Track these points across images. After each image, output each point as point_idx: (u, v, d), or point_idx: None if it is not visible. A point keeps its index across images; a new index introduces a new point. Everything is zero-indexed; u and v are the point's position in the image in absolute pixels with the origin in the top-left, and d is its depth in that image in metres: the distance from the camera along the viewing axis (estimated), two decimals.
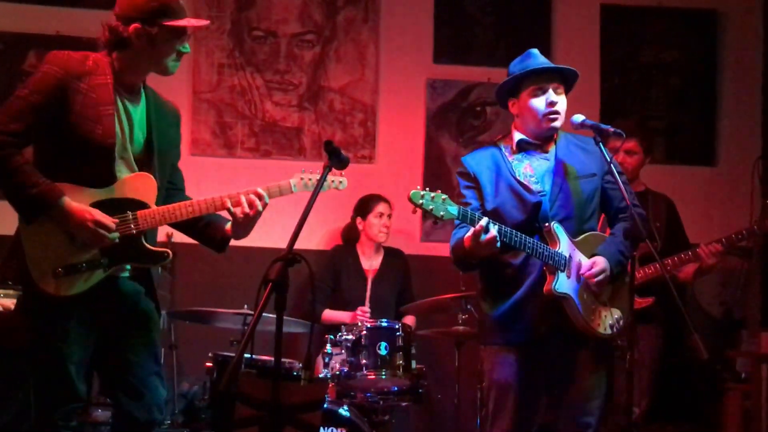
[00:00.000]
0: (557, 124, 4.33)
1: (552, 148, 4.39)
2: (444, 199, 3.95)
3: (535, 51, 4.41)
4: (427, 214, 3.94)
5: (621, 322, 4.30)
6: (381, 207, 6.55)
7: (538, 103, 4.29)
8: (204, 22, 3.97)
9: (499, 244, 4.03)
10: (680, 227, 6.18)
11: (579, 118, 4.27)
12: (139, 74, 3.85)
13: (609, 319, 4.27)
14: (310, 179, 4.03)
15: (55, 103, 3.65)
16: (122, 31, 3.73)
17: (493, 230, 3.99)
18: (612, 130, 4.18)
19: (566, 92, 4.39)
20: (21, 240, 3.68)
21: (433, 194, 3.94)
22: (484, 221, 3.99)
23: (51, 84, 3.67)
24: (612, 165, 4.14)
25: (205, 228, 4.01)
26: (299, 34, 7.14)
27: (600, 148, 4.18)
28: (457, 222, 4.21)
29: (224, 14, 7.07)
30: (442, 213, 3.94)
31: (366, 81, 7.13)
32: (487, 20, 7.25)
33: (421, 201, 3.92)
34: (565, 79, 4.39)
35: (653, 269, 5.64)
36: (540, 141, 4.38)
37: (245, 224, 3.92)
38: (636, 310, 4.20)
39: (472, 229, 4.02)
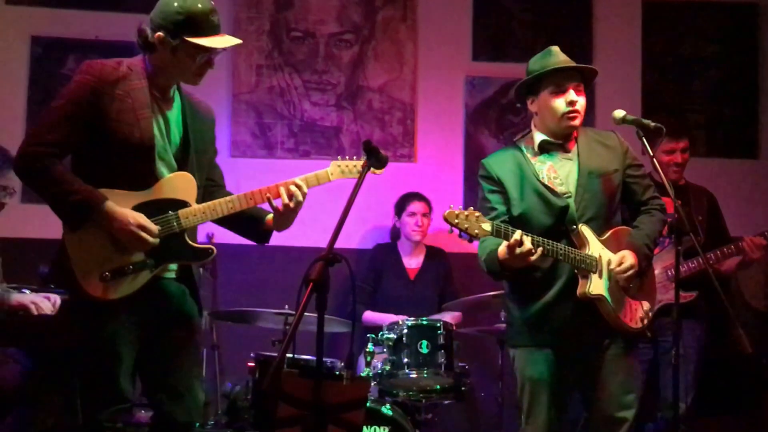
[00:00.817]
0: (577, 123, 4.28)
1: (574, 147, 4.35)
2: (477, 217, 3.95)
3: (556, 48, 4.37)
4: (462, 233, 3.93)
5: (651, 314, 4.27)
6: (414, 206, 6.52)
7: (559, 102, 4.25)
8: (232, 42, 3.85)
9: (535, 256, 4.00)
10: (722, 221, 6.13)
11: (620, 113, 4.24)
12: (169, 78, 3.86)
13: (639, 312, 4.25)
14: (346, 166, 4.01)
15: (91, 110, 3.67)
16: (148, 35, 3.75)
17: (528, 242, 3.96)
18: (653, 125, 4.14)
19: (586, 88, 4.36)
20: (66, 246, 3.70)
21: (467, 212, 3.94)
22: (517, 234, 3.96)
23: (85, 93, 3.69)
24: (654, 160, 4.12)
25: (247, 222, 4.02)
26: (337, 34, 7.12)
27: (643, 142, 4.15)
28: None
29: (263, 15, 7.06)
30: (476, 231, 3.94)
31: (404, 79, 7.10)
32: (526, 16, 7.20)
33: (456, 221, 3.92)
34: (584, 77, 4.35)
35: (696, 263, 5.57)
36: (561, 140, 4.33)
37: (286, 215, 3.91)
38: (679, 305, 4.14)
39: (505, 243, 4.00)
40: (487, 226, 3.94)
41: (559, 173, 4.29)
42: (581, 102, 4.27)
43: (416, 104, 7.10)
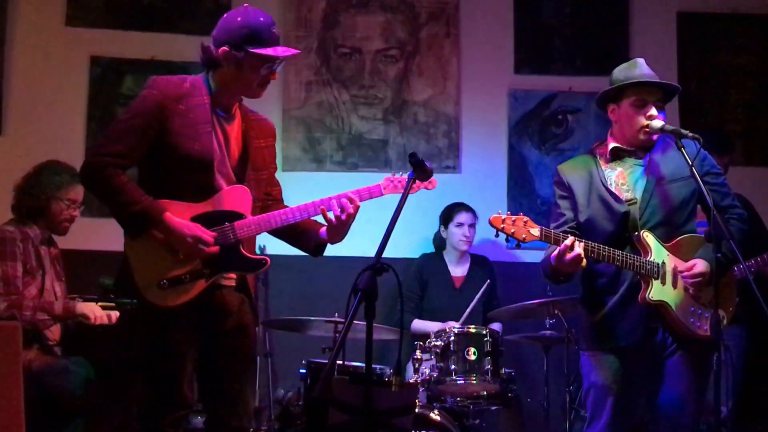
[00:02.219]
0: (655, 137, 4.28)
1: (647, 154, 4.33)
2: (525, 222, 3.94)
3: (641, 61, 4.37)
4: (509, 237, 3.93)
5: (724, 321, 4.21)
6: (461, 216, 6.53)
7: (639, 115, 4.25)
8: (293, 52, 3.92)
9: (584, 262, 3.99)
10: (761, 227, 6.07)
11: (658, 123, 4.22)
12: (231, 95, 3.91)
13: (711, 320, 4.17)
14: (399, 182, 4.05)
15: (155, 124, 3.74)
16: (212, 51, 3.82)
17: (578, 248, 3.95)
18: (691, 134, 4.11)
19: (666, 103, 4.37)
20: (127, 256, 3.77)
21: (514, 218, 3.94)
22: (569, 240, 3.95)
23: (150, 107, 3.76)
24: (693, 168, 4.08)
25: (300, 235, 4.07)
26: (383, 50, 7.16)
27: (682, 153, 4.12)
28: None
29: (311, 34, 7.12)
30: (524, 235, 3.94)
31: (448, 93, 7.12)
32: (566, 30, 7.20)
33: (501, 225, 3.93)
34: (666, 93, 4.35)
35: (736, 270, 5.52)
36: (634, 148, 4.33)
37: (339, 228, 3.95)
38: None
39: (557, 248, 3.99)
40: (535, 231, 3.94)
41: (628, 180, 4.29)
42: (661, 117, 4.27)
43: (460, 117, 7.12)
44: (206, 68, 3.89)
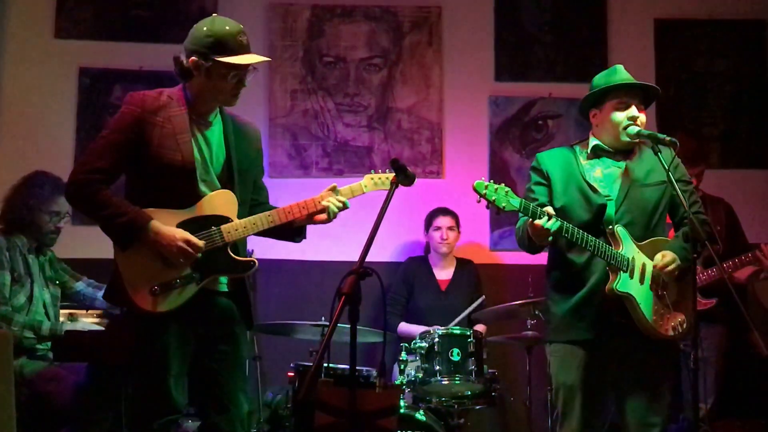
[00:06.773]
0: (636, 139, 4.28)
1: (625, 157, 4.35)
2: (507, 192, 3.95)
3: (621, 66, 4.39)
4: (489, 204, 3.92)
5: (684, 326, 4.22)
6: (439, 220, 6.54)
7: (621, 116, 4.26)
8: (260, 59, 3.88)
9: (553, 232, 3.98)
10: (739, 230, 6.09)
11: (635, 129, 4.22)
12: (207, 103, 3.90)
13: (672, 321, 4.19)
14: (379, 178, 4.07)
15: (135, 138, 3.75)
16: (182, 61, 3.83)
17: (553, 223, 3.96)
18: (668, 139, 4.11)
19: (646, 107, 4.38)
20: (117, 265, 3.77)
21: (496, 186, 3.94)
22: (550, 210, 3.97)
23: (129, 122, 3.77)
24: (670, 173, 4.08)
25: (281, 226, 4.04)
26: (367, 59, 7.14)
27: (659, 158, 4.12)
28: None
29: (296, 43, 7.10)
30: (503, 204, 3.93)
31: (431, 100, 7.11)
32: (546, 38, 7.20)
33: (484, 191, 3.92)
34: (647, 97, 4.36)
35: (714, 272, 5.53)
36: (615, 150, 4.33)
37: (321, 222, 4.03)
38: (700, 311, 4.11)
39: (536, 220, 3.98)
40: (515, 202, 3.94)
41: (605, 177, 4.30)
42: (642, 118, 4.28)
43: (443, 123, 7.10)
44: (181, 79, 3.88)
